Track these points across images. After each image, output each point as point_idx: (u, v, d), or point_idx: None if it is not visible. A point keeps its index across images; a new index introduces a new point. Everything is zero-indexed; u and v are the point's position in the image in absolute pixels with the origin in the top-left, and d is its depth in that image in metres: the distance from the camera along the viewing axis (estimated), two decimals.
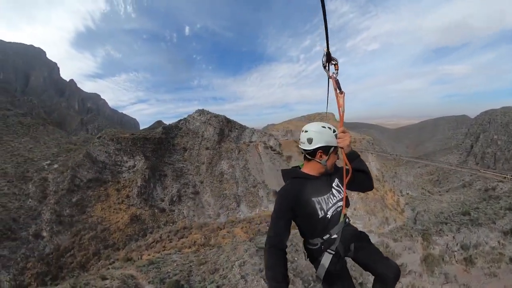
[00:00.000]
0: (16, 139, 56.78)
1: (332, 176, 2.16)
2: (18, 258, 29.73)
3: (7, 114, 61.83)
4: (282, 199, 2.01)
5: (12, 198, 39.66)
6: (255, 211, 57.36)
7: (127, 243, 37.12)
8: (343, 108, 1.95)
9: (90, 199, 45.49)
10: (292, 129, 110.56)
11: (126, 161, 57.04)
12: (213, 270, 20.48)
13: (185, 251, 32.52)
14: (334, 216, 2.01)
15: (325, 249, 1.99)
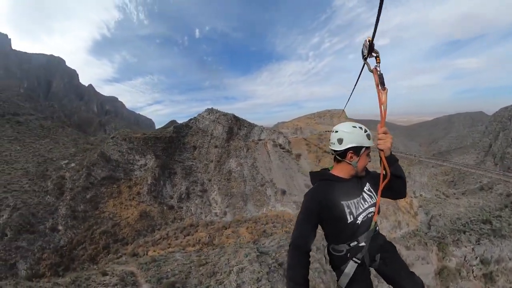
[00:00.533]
0: (37, 141, 60.99)
1: (363, 179, 2.07)
2: (35, 250, 31.69)
3: (29, 119, 66.72)
4: (310, 201, 1.94)
5: (32, 194, 42.49)
6: (262, 210, 56.91)
7: (135, 238, 38.23)
8: (385, 105, 1.78)
9: (103, 195, 47.58)
10: (301, 127, 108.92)
11: (137, 159, 59.10)
12: (211, 274, 20.32)
13: (188, 249, 33.36)
14: (364, 223, 1.89)
15: (350, 257, 1.88)
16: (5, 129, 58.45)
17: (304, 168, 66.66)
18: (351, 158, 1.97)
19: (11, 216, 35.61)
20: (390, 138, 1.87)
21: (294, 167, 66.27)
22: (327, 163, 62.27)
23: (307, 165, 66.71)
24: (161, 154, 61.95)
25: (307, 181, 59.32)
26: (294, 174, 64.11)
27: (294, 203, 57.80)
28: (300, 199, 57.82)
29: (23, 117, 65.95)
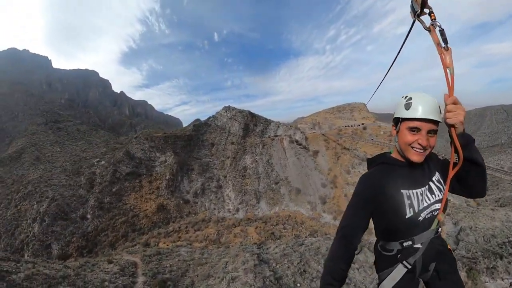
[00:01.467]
0: (74, 143, 69.72)
1: (432, 167, 1.73)
2: (67, 234, 36.42)
3: (68, 125, 76.60)
4: (363, 185, 1.71)
5: (68, 188, 48.79)
6: (275, 209, 56.03)
7: (151, 229, 41.28)
8: (452, 69, 1.41)
9: (127, 189, 52.31)
10: (319, 122, 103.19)
11: (158, 156, 63.64)
12: (206, 276, 20.93)
13: (195, 245, 34.65)
14: (426, 220, 1.60)
15: (400, 259, 1.63)
16: (48, 135, 68.36)
17: (321, 166, 62.73)
18: (394, 133, 1.69)
19: (50, 205, 41.49)
20: (462, 110, 1.42)
21: (310, 165, 63.04)
22: (347, 160, 58.85)
23: (324, 163, 64.00)
24: (180, 152, 65.73)
25: (324, 180, 57.15)
26: (310, 172, 61.11)
27: (308, 204, 55.13)
28: (315, 200, 55.07)
29: (63, 124, 76.23)
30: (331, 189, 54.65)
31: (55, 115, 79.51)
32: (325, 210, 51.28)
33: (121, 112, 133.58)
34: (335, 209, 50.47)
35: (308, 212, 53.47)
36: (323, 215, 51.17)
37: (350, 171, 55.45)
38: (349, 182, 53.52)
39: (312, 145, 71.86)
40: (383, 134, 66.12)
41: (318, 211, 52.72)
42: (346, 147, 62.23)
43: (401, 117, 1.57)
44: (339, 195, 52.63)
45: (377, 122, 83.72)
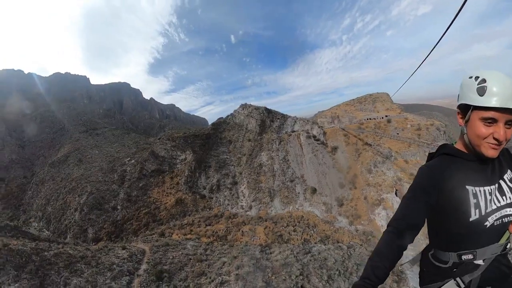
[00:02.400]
0: (110, 145, 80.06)
1: (504, 163, 1.49)
2: (100, 221, 43.18)
3: (104, 131, 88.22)
4: (423, 175, 1.51)
5: (103, 183, 56.95)
6: (288, 208, 54.72)
7: (169, 220, 46.09)
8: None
9: (151, 184, 58.72)
10: (339, 115, 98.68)
11: (179, 155, 69.53)
12: (200, 274, 23.64)
13: (202, 239, 38.18)
14: (494, 229, 1.34)
15: (455, 275, 1.40)
16: (88, 140, 79.81)
17: (340, 164, 57.92)
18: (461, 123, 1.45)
19: (88, 198, 49.40)
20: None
21: (328, 162, 59.30)
22: (368, 158, 53.29)
23: (343, 160, 58.69)
24: (198, 150, 70.71)
25: (342, 180, 53.47)
26: (327, 171, 57.35)
27: (323, 205, 52.02)
28: (331, 201, 51.46)
29: (100, 130, 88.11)
30: (350, 190, 51.06)
31: (94, 124, 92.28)
32: (341, 213, 48.53)
33: (151, 116, 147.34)
34: (352, 212, 46.91)
35: (323, 214, 51.11)
36: (339, 218, 48.29)
37: (372, 170, 50.83)
38: (370, 183, 48.94)
39: (331, 140, 67.84)
40: (411, 128, 58.83)
41: (334, 214, 49.76)
42: (368, 143, 57.13)
43: (472, 105, 1.30)
44: (357, 197, 48.45)
45: (403, 114, 74.47)
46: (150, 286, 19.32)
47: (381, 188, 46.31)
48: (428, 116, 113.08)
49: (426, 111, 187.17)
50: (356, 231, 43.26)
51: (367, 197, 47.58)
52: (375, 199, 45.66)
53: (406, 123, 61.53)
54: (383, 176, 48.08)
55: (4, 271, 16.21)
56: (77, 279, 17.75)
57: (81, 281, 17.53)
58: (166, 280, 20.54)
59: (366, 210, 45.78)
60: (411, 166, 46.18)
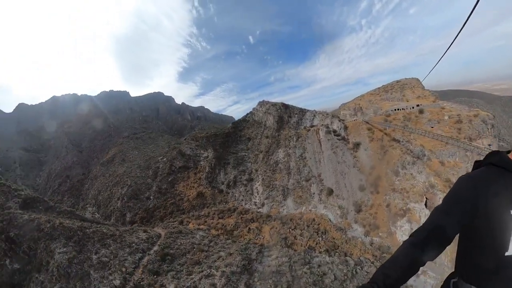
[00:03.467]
0: (147, 146, 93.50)
1: None
2: (136, 208, 53.33)
3: (142, 134, 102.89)
4: (463, 187, 1.32)
5: (140, 178, 68.34)
6: (301, 209, 53.00)
7: (189, 211, 53.88)
8: None
9: (178, 179, 68.11)
10: (362, 106, 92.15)
11: (202, 153, 78.09)
12: (196, 262, 28.76)
13: (211, 232, 42.63)
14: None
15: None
16: (130, 143, 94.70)
17: (362, 163, 51.44)
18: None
19: (128, 190, 60.70)
20: None
21: (349, 161, 54.06)
22: (396, 157, 45.21)
23: (366, 159, 51.77)
24: (219, 148, 78.18)
25: (363, 182, 47.19)
26: (347, 170, 52.61)
27: (339, 209, 48.06)
28: (348, 205, 46.24)
29: (139, 134, 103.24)
30: (371, 194, 44.92)
31: (134, 129, 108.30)
32: (358, 220, 43.19)
33: (183, 118, 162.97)
34: (370, 221, 41.01)
35: (337, 219, 46.94)
36: (354, 226, 43.44)
37: (399, 172, 43.22)
38: (395, 187, 41.62)
39: (353, 135, 61.09)
40: (448, 120, 47.30)
41: (349, 220, 44.84)
42: (396, 139, 48.88)
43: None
44: (379, 203, 41.96)
45: (438, 102, 63.67)
46: (154, 264, 24.73)
47: (408, 196, 39.22)
48: (467, 104, 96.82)
49: (465, 98, 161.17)
50: (370, 244, 38.35)
51: (390, 204, 40.65)
52: (399, 208, 38.83)
53: (442, 113, 50.33)
54: (412, 181, 40.69)
55: (58, 240, 24.29)
56: (105, 250, 25.15)
57: (107, 252, 24.90)
58: (168, 262, 25.71)
59: (386, 221, 39.51)
60: (448, 170, 37.75)
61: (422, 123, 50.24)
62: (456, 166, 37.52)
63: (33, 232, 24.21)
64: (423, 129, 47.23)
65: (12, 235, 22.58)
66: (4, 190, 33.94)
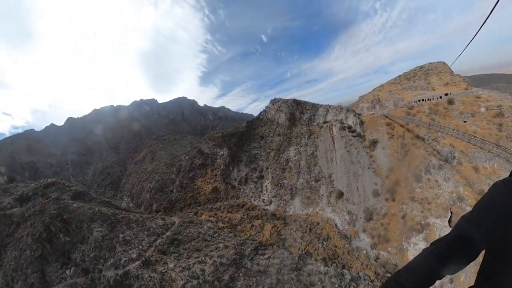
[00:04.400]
0: (172, 147, 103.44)
1: None
2: (161, 200, 61.66)
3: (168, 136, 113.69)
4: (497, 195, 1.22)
5: (166, 174, 77.28)
6: (308, 210, 51.11)
7: (205, 203, 60.23)
8: None
9: (197, 175, 75.45)
10: (380, 97, 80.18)
11: (218, 151, 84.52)
12: (197, 249, 34.14)
13: (218, 224, 46.06)
14: None
15: None
16: (158, 144, 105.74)
17: (378, 164, 45.71)
18: None
19: (155, 184, 69.74)
20: None
21: (363, 161, 48.52)
22: (419, 158, 38.04)
23: (384, 159, 45.56)
24: (233, 146, 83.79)
25: (378, 186, 41.85)
26: (361, 172, 47.03)
27: (347, 214, 43.95)
28: (358, 211, 41.89)
29: (166, 136, 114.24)
30: (385, 201, 39.24)
31: (161, 132, 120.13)
32: (366, 229, 38.54)
33: (206, 119, 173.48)
34: (380, 232, 36.15)
35: (343, 225, 43.02)
36: (361, 235, 39.02)
37: (422, 177, 36.02)
38: (415, 196, 34.89)
39: (370, 131, 54.63)
40: (487, 112, 37.44)
41: (357, 228, 40.46)
42: (420, 136, 40.96)
43: None
44: (394, 213, 36.40)
45: (472, 89, 53.41)
46: (164, 246, 30.20)
47: (429, 208, 32.26)
48: (507, 90, 77.89)
49: (503, 84, 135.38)
50: (375, 259, 34.03)
51: (406, 216, 34.26)
52: (416, 222, 32.41)
53: (477, 104, 40.35)
54: (437, 190, 33.35)
55: (96, 222, 31.36)
56: (129, 231, 31.77)
57: (130, 233, 31.52)
58: (175, 245, 31.04)
59: (399, 234, 33.82)
60: (483, 178, 29.84)
61: (452, 117, 40.41)
62: (494, 173, 29.06)
63: (79, 216, 32.04)
64: (453, 124, 37.61)
65: (65, 217, 30.48)
66: (60, 186, 43.50)
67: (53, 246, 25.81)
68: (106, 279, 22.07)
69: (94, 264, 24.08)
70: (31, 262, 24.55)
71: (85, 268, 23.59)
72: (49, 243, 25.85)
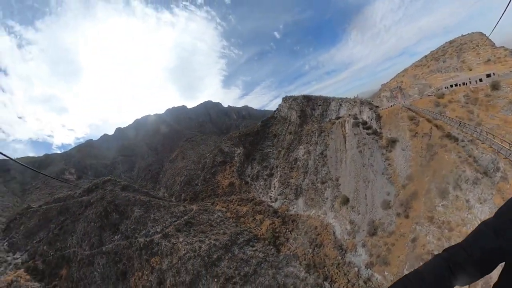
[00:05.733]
0: (199, 146, 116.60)
1: None
2: (188, 191, 73.84)
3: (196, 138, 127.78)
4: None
5: (193, 170, 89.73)
6: (310, 212, 49.74)
7: (222, 196, 69.64)
8: None
9: (218, 171, 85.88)
10: (404, 84, 67.38)
11: (236, 150, 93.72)
12: (203, 231, 46.40)
13: (227, 214, 53.87)
14: None
15: None
16: (187, 145, 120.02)
17: (395, 168, 37.06)
18: None
19: (184, 178, 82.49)
20: None
21: (377, 164, 40.66)
22: (449, 165, 28.60)
23: (402, 163, 36.45)
24: (248, 145, 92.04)
25: (391, 196, 34.05)
26: (373, 177, 39.85)
27: (349, 224, 38.62)
28: (361, 223, 36.23)
29: (194, 138, 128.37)
30: (397, 216, 31.78)
31: (190, 134, 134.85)
32: (366, 244, 33.54)
33: (230, 119, 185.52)
34: (381, 252, 30.29)
35: (343, 235, 38.41)
36: (358, 250, 34.19)
37: (450, 193, 26.73)
38: (435, 217, 26.62)
39: (388, 128, 45.31)
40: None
41: (356, 241, 35.38)
42: (452, 135, 30.56)
43: None
44: (403, 233, 29.41)
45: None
46: (179, 226, 39.41)
47: (450, 236, 24.31)
48: None
49: None
50: (366, 281, 29.39)
51: (417, 239, 27.02)
52: (428, 250, 25.29)
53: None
54: (466, 212, 24.53)
55: (136, 206, 42.73)
56: (158, 213, 42.20)
57: (159, 215, 42.06)
58: (188, 226, 40.18)
59: (403, 260, 27.40)
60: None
61: (498, 108, 29.45)
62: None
63: (125, 201, 44.16)
64: (500, 119, 27.09)
65: (116, 202, 42.72)
66: (113, 181, 57.29)
67: (108, 221, 37.92)
68: (139, 243, 32.92)
69: (133, 233, 35.20)
70: (94, 230, 36.99)
71: (127, 235, 34.93)
72: (105, 218, 38.05)
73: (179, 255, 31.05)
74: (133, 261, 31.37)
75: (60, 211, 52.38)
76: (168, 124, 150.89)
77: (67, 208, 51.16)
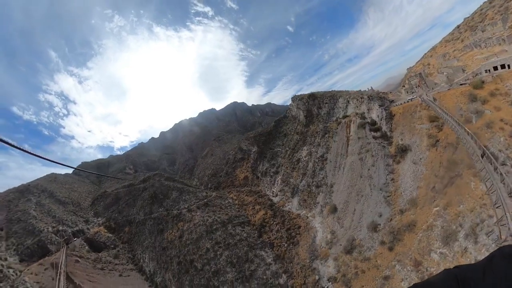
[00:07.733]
0: (224, 145, 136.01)
1: None
2: (214, 181, 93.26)
3: (223, 136, 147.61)
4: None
5: (218, 165, 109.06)
6: (301, 212, 52.76)
7: (237, 187, 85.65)
8: None
9: (237, 166, 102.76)
10: (430, 67, 54.90)
11: (252, 148, 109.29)
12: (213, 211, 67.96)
13: (235, 201, 68.82)
14: None
15: None
16: (215, 143, 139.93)
17: (398, 186, 30.18)
18: None
19: (211, 171, 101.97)
20: None
21: (378, 176, 34.05)
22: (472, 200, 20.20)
23: (410, 181, 28.81)
24: (261, 144, 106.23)
25: (383, 220, 28.24)
26: (368, 191, 34.27)
27: (330, 233, 36.47)
28: (341, 236, 33.04)
29: (222, 137, 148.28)
30: (380, 244, 27.35)
31: (218, 133, 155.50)
32: (338, 260, 31.11)
33: (254, 117, 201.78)
34: (348, 273, 27.90)
35: (321, 242, 36.37)
36: (329, 262, 31.91)
37: (458, 241, 20.04)
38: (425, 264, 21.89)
39: (400, 130, 35.89)
40: None
41: (330, 253, 33.17)
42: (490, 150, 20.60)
43: None
44: (379, 264, 25.86)
45: None
46: (199, 204, 56.89)
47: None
48: None
49: None
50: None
51: (391, 279, 23.44)
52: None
53: None
54: None
55: (174, 190, 62.28)
56: (187, 196, 61.44)
57: (187, 197, 60.89)
58: (205, 206, 56.14)
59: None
60: None
61: None
62: None
63: (167, 188, 64.30)
64: None
65: (162, 188, 63.29)
66: (159, 174, 79.35)
67: (155, 199, 58.21)
68: (173, 213, 51.98)
69: (170, 207, 54.59)
70: (147, 205, 57.70)
71: (166, 208, 54.47)
72: (154, 198, 58.45)
73: (194, 223, 49.25)
74: (168, 224, 50.74)
75: (125, 193, 76.93)
76: (200, 125, 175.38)
77: (129, 192, 75.31)
